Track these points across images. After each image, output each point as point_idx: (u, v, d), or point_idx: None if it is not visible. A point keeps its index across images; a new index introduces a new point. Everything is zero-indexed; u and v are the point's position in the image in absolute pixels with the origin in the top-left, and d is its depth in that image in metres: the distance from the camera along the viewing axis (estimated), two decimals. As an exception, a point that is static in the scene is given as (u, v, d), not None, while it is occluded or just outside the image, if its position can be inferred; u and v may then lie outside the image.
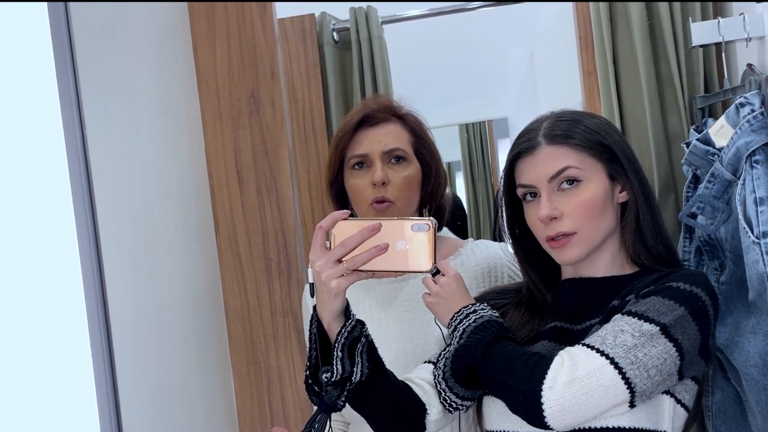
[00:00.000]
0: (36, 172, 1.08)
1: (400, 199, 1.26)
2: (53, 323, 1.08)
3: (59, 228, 1.08)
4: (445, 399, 1.03)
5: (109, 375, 1.10)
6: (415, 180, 1.28)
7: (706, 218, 1.35)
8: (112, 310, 1.13)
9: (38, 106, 1.08)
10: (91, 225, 1.10)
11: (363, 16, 1.92)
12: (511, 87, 3.57)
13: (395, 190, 1.25)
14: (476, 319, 1.02)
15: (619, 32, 1.70)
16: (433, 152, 1.31)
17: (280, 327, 1.71)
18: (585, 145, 1.01)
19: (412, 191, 1.28)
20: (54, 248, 1.08)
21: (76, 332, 1.08)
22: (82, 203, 1.09)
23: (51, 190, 1.08)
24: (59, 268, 1.08)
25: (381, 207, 1.25)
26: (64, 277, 1.08)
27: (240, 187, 1.72)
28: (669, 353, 0.91)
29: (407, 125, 1.30)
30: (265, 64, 1.71)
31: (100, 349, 1.09)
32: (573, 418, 0.90)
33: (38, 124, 1.08)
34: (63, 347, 1.08)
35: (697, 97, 1.63)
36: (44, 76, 1.08)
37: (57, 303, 1.08)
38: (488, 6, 2.00)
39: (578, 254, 1.01)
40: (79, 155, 1.09)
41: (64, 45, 1.09)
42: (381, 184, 1.24)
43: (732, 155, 1.24)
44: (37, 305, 1.08)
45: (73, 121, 1.09)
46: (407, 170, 1.27)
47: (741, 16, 1.44)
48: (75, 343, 1.08)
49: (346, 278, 0.90)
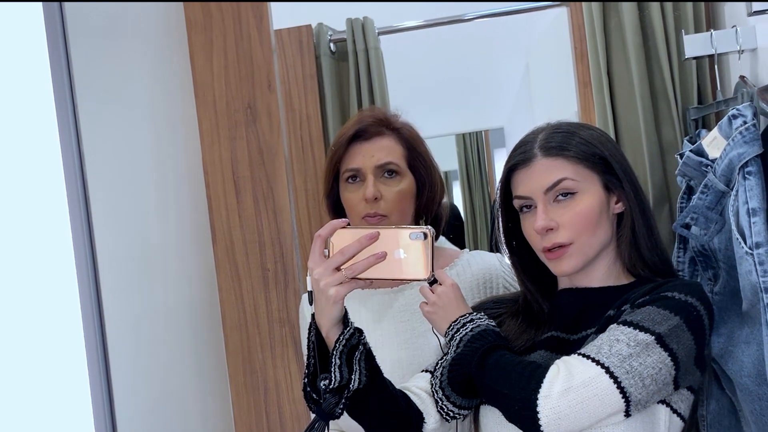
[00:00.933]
0: (31, 182, 1.08)
1: (394, 213, 1.26)
2: (49, 333, 1.07)
3: (55, 237, 1.08)
4: (442, 408, 1.03)
5: (105, 384, 1.10)
6: (408, 194, 1.28)
7: (700, 229, 1.35)
8: (109, 320, 1.13)
9: (34, 118, 1.08)
10: (87, 235, 1.10)
11: (360, 27, 1.93)
12: (507, 97, 3.59)
13: (388, 205, 1.25)
14: (473, 328, 1.03)
15: (612, 44, 1.71)
16: (427, 164, 1.30)
17: (277, 336, 1.71)
18: (581, 156, 1.02)
19: (406, 204, 1.28)
20: (50, 258, 1.08)
21: (72, 342, 1.08)
22: (78, 212, 1.09)
23: (46, 200, 1.08)
24: (55, 277, 1.08)
25: (373, 221, 1.25)
26: (61, 287, 1.08)
27: (237, 197, 1.72)
28: (664, 363, 0.91)
29: (401, 138, 1.29)
30: (261, 74, 1.72)
31: (96, 359, 1.09)
32: (568, 427, 0.90)
33: (34, 133, 1.08)
34: (59, 357, 1.07)
35: (691, 109, 1.65)
36: (40, 88, 1.08)
37: (53, 312, 1.08)
38: (484, 17, 2.01)
39: (574, 265, 1.02)
40: (75, 164, 1.09)
41: (61, 57, 1.09)
42: (373, 199, 1.24)
43: (725, 166, 1.25)
44: (33, 315, 1.07)
45: (69, 130, 1.09)
46: (400, 184, 1.27)
47: (733, 29, 1.46)
48: (71, 352, 1.08)
49: (345, 286, 0.91)
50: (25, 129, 1.08)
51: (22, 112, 1.08)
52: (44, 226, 1.08)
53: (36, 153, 1.08)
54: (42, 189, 1.08)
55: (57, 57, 1.09)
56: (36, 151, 1.08)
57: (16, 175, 1.08)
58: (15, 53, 1.08)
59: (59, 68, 1.09)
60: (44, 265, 1.08)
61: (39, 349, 1.07)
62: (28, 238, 1.08)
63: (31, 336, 1.07)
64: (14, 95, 1.08)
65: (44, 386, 1.07)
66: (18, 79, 1.08)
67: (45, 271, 1.08)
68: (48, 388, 1.07)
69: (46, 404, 1.07)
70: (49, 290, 1.08)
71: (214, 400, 1.65)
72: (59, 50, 1.09)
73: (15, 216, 1.08)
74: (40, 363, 1.07)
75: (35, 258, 1.08)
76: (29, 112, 1.08)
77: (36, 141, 1.08)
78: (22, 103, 1.08)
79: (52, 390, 1.07)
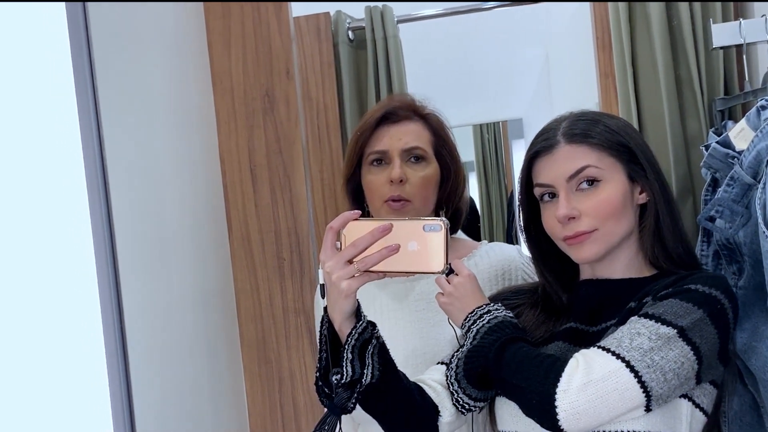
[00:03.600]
0: (52, 172, 1.08)
1: (417, 199, 1.25)
2: (67, 322, 1.08)
3: (74, 227, 1.08)
4: (457, 400, 1.02)
5: (122, 373, 1.10)
6: (433, 180, 1.27)
7: (725, 222, 1.33)
8: (126, 309, 1.13)
9: (55, 106, 1.08)
10: (107, 224, 1.11)
11: (378, 15, 1.91)
12: (525, 87, 3.55)
13: (412, 189, 1.24)
14: (490, 320, 1.01)
15: (638, 33, 1.68)
16: (453, 154, 1.30)
17: (292, 326, 1.71)
18: (605, 144, 1.00)
19: (430, 191, 1.27)
20: (69, 247, 1.08)
21: (89, 331, 1.08)
22: (97, 202, 1.09)
23: (66, 190, 1.08)
24: (74, 267, 1.08)
25: (396, 205, 1.24)
26: (79, 276, 1.08)
27: (253, 186, 1.71)
28: (686, 357, 0.89)
29: (429, 125, 1.29)
30: (280, 62, 1.70)
31: (113, 348, 1.09)
32: (587, 422, 0.88)
33: (55, 123, 1.08)
34: (77, 346, 1.08)
35: (717, 100, 1.61)
36: (61, 76, 1.08)
37: (71, 302, 1.08)
38: (503, 6, 1.98)
39: (596, 252, 1.00)
40: (95, 154, 1.10)
41: (81, 45, 1.09)
42: (398, 181, 1.23)
43: (752, 158, 1.22)
44: (52, 304, 1.08)
45: (90, 120, 1.09)
46: (426, 170, 1.26)
47: (763, 18, 1.42)
48: (88, 341, 1.08)
49: (357, 279, 0.89)
50: (44, 116, 1.09)
51: (40, 100, 1.08)
52: (63, 216, 1.08)
53: (56, 145, 1.08)
54: (61, 180, 1.08)
55: (78, 47, 1.09)
56: (56, 142, 1.08)
57: (36, 163, 1.08)
58: (35, 36, 1.08)
59: (80, 60, 1.09)
60: (63, 256, 1.08)
61: (57, 340, 1.08)
62: (48, 229, 1.08)
63: (50, 327, 1.08)
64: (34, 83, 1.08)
65: (62, 376, 1.08)
66: (37, 66, 1.08)
67: (64, 261, 1.08)
68: (66, 377, 1.08)
69: (64, 393, 1.08)
70: (67, 280, 1.08)
71: (228, 389, 1.65)
72: (80, 38, 1.10)
73: (36, 206, 1.08)
74: (58, 354, 1.08)
75: (54, 249, 1.08)
76: (49, 100, 1.08)
77: (56, 128, 1.08)
78: (40, 91, 1.08)
79: (69, 379, 1.08)
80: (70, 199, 1.08)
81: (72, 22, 1.09)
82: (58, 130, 1.08)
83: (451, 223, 1.33)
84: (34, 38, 1.08)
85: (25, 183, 1.08)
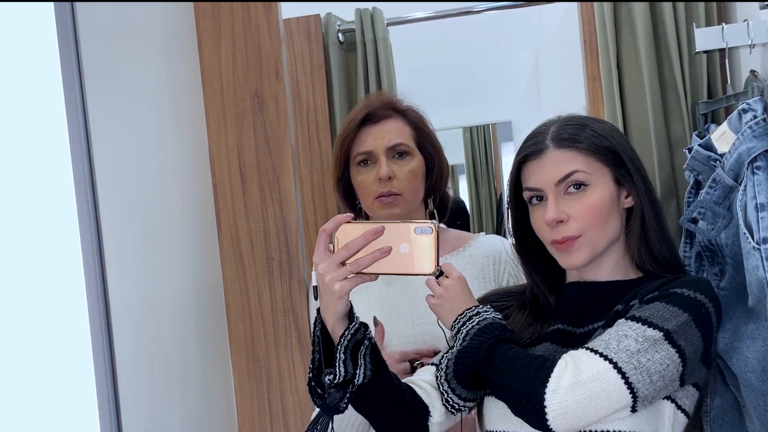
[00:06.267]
0: (39, 169, 1.08)
1: (407, 192, 1.30)
2: (54, 320, 1.08)
3: (62, 225, 1.08)
4: (447, 401, 1.03)
5: (109, 372, 1.10)
6: (419, 172, 1.32)
7: (707, 223, 1.35)
8: (114, 307, 1.13)
9: (43, 104, 1.08)
10: (94, 222, 1.10)
11: (368, 17, 1.92)
12: (515, 90, 3.57)
13: (401, 183, 1.29)
14: (479, 321, 1.02)
15: (623, 37, 1.70)
16: (434, 144, 1.35)
17: (281, 326, 1.71)
18: (592, 149, 1.01)
19: (418, 183, 1.32)
20: (56, 245, 1.08)
21: (76, 329, 1.08)
22: (84, 200, 1.09)
23: (54, 187, 1.08)
24: (61, 264, 1.08)
25: (387, 200, 1.28)
26: (66, 274, 1.08)
27: (243, 186, 1.72)
28: (672, 359, 0.91)
29: (408, 120, 1.34)
30: (269, 63, 1.71)
31: (100, 346, 1.09)
32: (575, 422, 0.90)
33: (42, 121, 1.08)
34: (63, 344, 1.08)
35: (700, 103, 1.64)
36: (49, 74, 1.08)
37: (58, 300, 1.08)
38: (493, 9, 2.00)
39: (583, 258, 1.01)
40: (82, 152, 1.10)
41: (69, 44, 1.09)
42: (387, 179, 1.28)
43: (734, 161, 1.24)
44: (39, 302, 1.08)
45: (77, 118, 1.09)
46: (411, 164, 1.31)
47: (745, 23, 1.44)
48: (75, 340, 1.08)
49: (350, 281, 0.91)
50: (32, 114, 1.08)
51: (28, 99, 1.08)
52: (51, 214, 1.08)
53: (44, 143, 1.08)
54: (49, 177, 1.08)
55: (66, 46, 1.09)
56: (44, 140, 1.08)
57: (23, 161, 1.08)
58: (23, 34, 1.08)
59: (68, 59, 1.09)
60: (50, 254, 1.08)
61: (44, 338, 1.08)
62: (35, 227, 1.08)
63: (37, 325, 1.08)
64: (22, 81, 1.08)
65: (49, 374, 1.08)
66: (25, 63, 1.08)
67: (51, 259, 1.08)
68: (52, 376, 1.08)
69: (50, 392, 1.08)
70: (54, 278, 1.08)
71: (217, 388, 1.65)
72: (68, 38, 1.09)
73: (22, 204, 1.08)
74: (45, 352, 1.08)
75: (41, 246, 1.08)
76: (37, 99, 1.08)
77: (44, 131, 1.08)
78: (28, 89, 1.08)
79: (56, 378, 1.08)
80: (58, 198, 1.08)
81: (60, 23, 1.09)
82: (46, 129, 1.08)
83: (440, 206, 1.39)
84: (22, 37, 1.08)
85: (13, 182, 1.08)
